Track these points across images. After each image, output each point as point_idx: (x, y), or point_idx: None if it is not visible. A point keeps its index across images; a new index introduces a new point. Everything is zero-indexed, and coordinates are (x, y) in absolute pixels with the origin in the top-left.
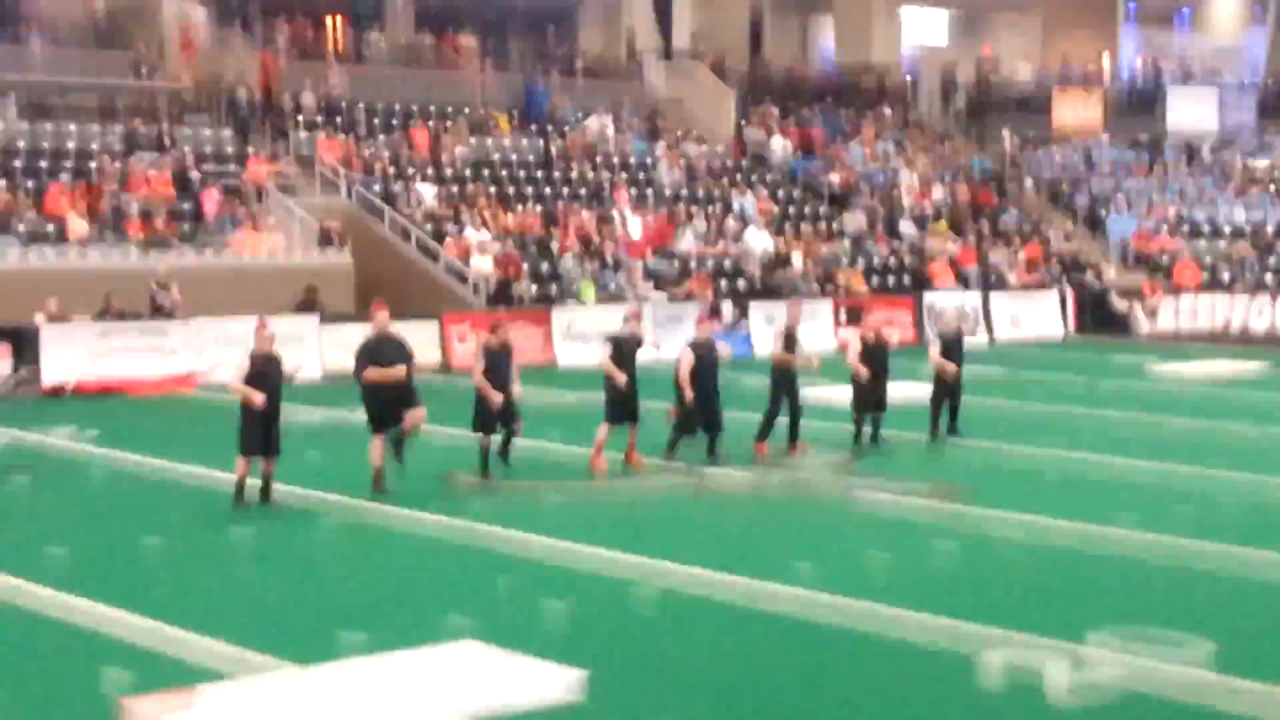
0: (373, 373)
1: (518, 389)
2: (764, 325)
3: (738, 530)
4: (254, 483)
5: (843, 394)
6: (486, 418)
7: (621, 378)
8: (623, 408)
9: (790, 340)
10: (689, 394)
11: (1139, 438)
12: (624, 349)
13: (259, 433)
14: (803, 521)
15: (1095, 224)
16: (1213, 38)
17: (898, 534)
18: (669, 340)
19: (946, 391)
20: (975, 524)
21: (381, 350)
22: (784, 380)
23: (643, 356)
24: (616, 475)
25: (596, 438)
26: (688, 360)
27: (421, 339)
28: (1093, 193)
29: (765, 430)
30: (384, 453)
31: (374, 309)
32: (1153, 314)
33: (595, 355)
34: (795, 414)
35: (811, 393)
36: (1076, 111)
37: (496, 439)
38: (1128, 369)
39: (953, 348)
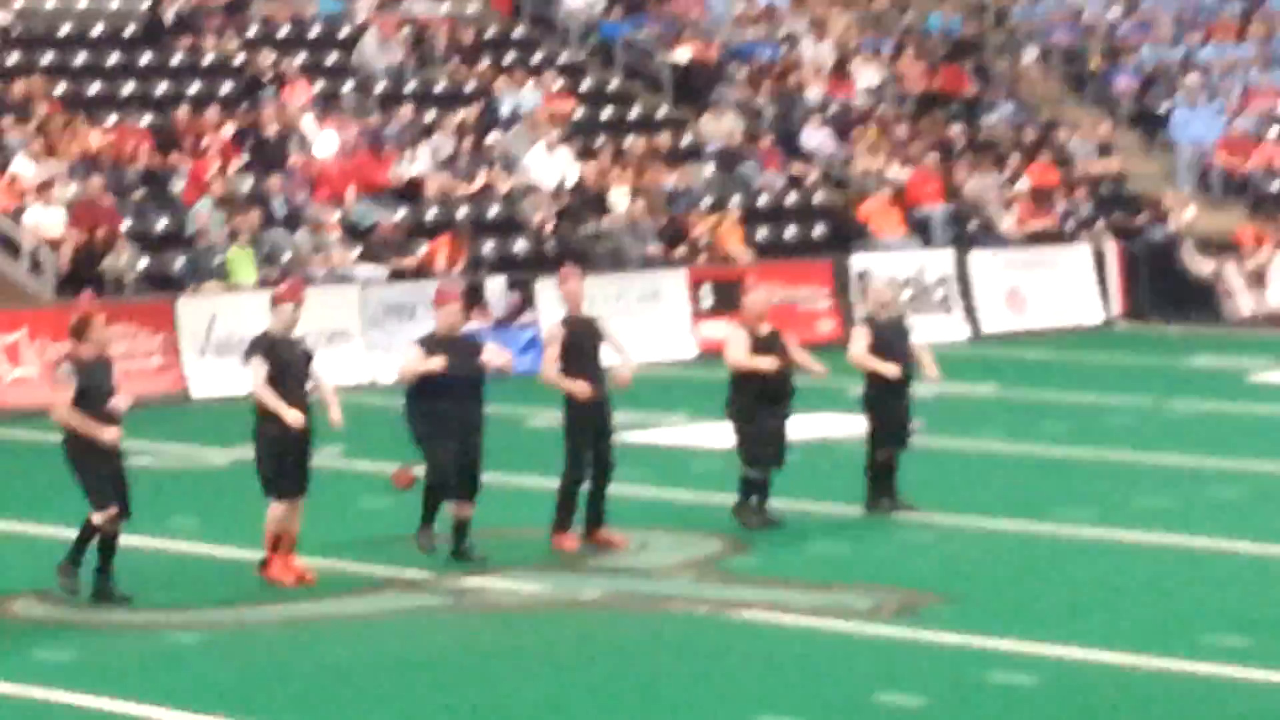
0: None
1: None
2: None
3: (527, 687)
4: None
5: (707, 435)
6: (100, 484)
7: (292, 415)
8: (289, 466)
9: (580, 342)
10: (435, 364)
11: (1237, 502)
12: (280, 362)
13: None
14: (643, 667)
15: (1151, 124)
16: None
17: (815, 683)
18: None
19: (888, 422)
20: (951, 661)
21: None
22: (583, 415)
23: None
24: (315, 590)
25: (266, 526)
26: (415, 366)
27: None
28: (1145, 69)
29: (567, 507)
30: None
31: None
32: (1257, 280)
33: (245, 377)
34: (602, 473)
35: (650, 435)
36: None
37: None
38: (1216, 379)
39: (891, 343)
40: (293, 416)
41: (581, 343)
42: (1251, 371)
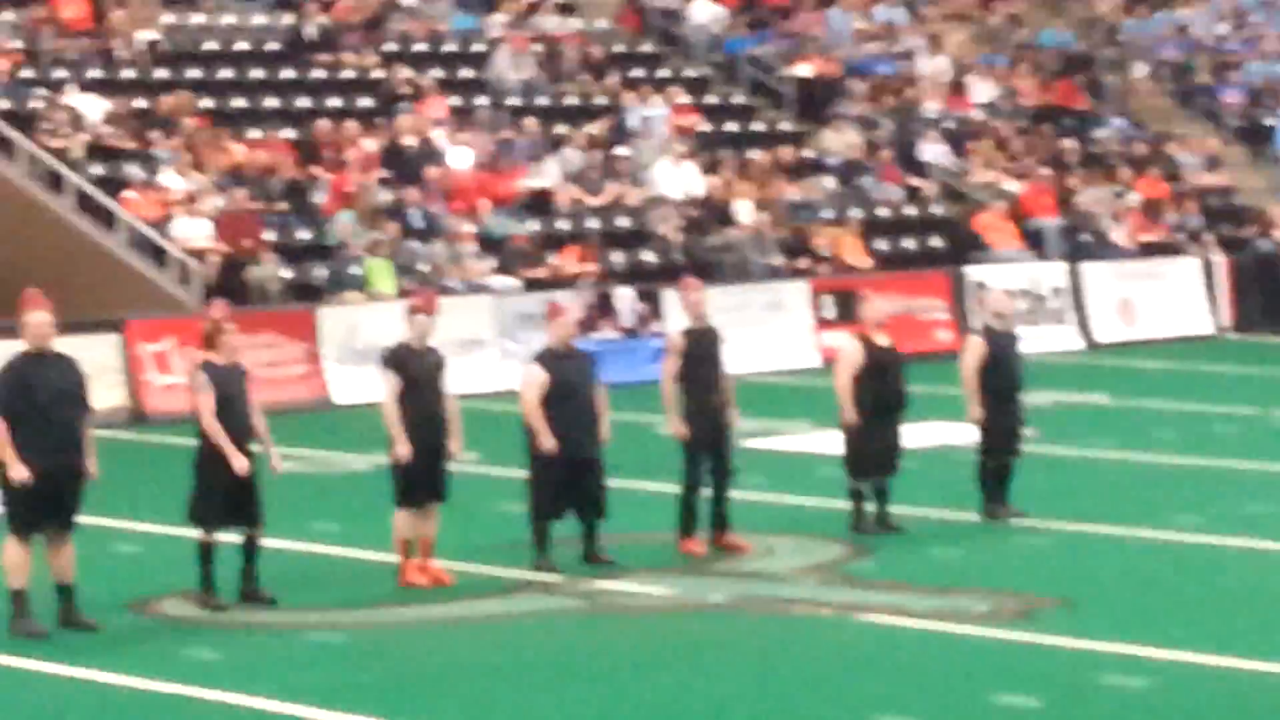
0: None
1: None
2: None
3: (655, 686)
4: None
5: (830, 442)
6: (210, 499)
7: (403, 448)
8: (417, 475)
9: (700, 352)
10: (546, 441)
11: None
12: (413, 372)
13: None
14: (770, 668)
15: (1258, 138)
16: None
17: (934, 684)
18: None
19: (998, 430)
20: (1066, 664)
21: (36, 379)
22: (700, 425)
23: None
24: (452, 592)
25: (394, 534)
26: (536, 383)
27: (93, 364)
28: (1252, 85)
29: (688, 513)
30: (28, 562)
31: (26, 305)
32: None
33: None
34: (722, 479)
35: (774, 442)
36: None
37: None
38: None
39: (1006, 354)
40: (404, 449)
41: (702, 352)
42: None
